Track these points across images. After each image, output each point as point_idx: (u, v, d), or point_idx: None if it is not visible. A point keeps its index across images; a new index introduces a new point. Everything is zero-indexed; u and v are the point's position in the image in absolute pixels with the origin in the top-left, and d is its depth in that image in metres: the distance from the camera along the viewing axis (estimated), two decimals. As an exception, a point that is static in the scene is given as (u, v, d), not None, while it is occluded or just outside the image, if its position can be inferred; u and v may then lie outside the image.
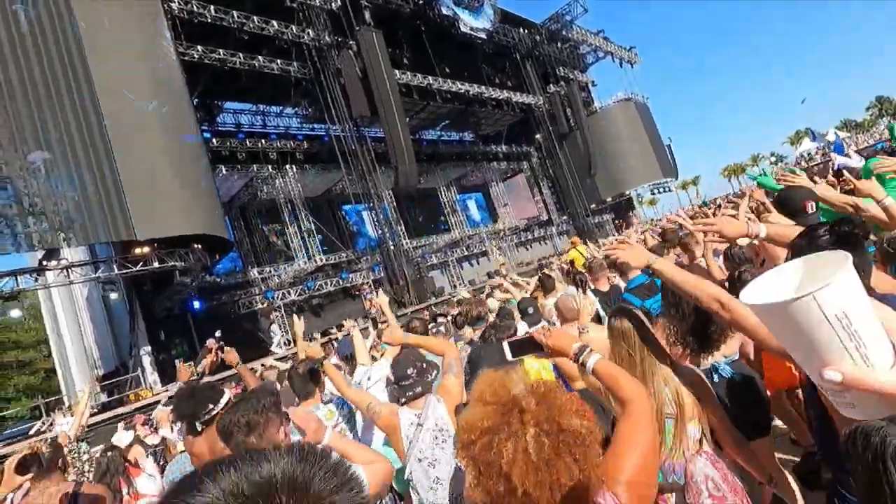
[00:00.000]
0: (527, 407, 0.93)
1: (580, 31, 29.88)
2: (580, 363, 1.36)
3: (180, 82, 13.25)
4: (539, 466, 0.88)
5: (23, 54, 10.08)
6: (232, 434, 1.55)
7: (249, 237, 21.40)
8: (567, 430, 0.92)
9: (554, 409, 0.94)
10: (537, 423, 0.92)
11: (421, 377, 2.10)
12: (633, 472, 1.04)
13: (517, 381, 0.99)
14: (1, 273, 9.71)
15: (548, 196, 33.15)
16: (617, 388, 1.25)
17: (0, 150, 9.31)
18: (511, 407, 0.94)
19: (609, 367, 1.32)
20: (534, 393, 0.96)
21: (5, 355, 28.70)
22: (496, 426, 0.93)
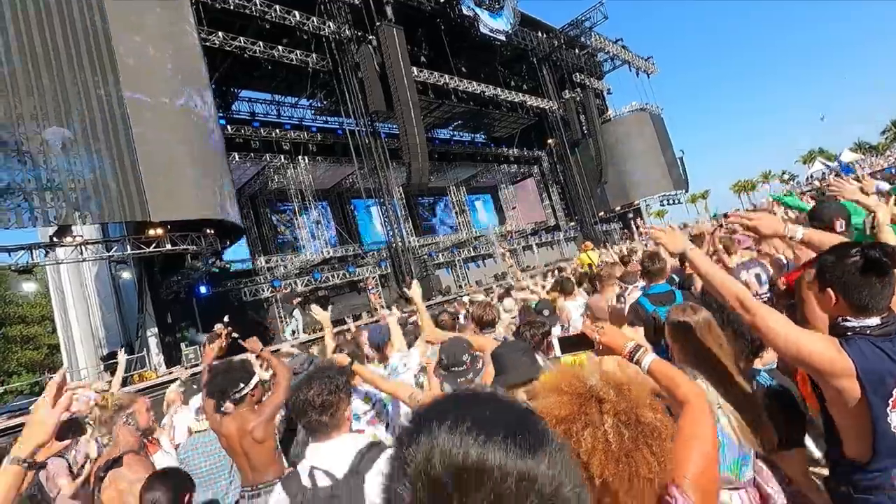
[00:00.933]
0: (605, 397, 0.94)
1: (599, 38, 29.84)
2: (634, 361, 1.37)
3: (202, 67, 13.32)
4: (619, 457, 0.89)
5: (49, 33, 10.16)
6: (306, 413, 1.59)
7: (258, 226, 21.49)
8: (645, 423, 0.93)
9: (631, 400, 0.95)
10: (616, 414, 0.92)
11: (474, 365, 2.13)
12: (697, 470, 1.05)
13: (592, 372, 1.00)
14: (16, 246, 9.80)
15: (556, 201, 33.12)
16: (674, 388, 1.25)
17: (23, 125, 9.39)
18: (588, 397, 0.95)
19: (665, 366, 1.33)
20: (611, 384, 0.97)
21: (10, 329, 28.91)
22: (574, 415, 0.93)
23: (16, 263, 9.84)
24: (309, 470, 1.50)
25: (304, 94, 21.85)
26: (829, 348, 1.39)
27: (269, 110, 22.94)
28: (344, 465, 1.48)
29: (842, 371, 1.36)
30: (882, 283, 1.38)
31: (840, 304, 1.45)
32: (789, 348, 1.44)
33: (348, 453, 1.52)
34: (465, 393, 0.57)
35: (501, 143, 31.99)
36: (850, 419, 1.41)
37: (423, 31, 22.34)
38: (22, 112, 9.49)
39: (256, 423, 2.51)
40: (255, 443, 2.50)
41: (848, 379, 1.36)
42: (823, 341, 1.42)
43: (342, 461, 1.50)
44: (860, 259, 1.40)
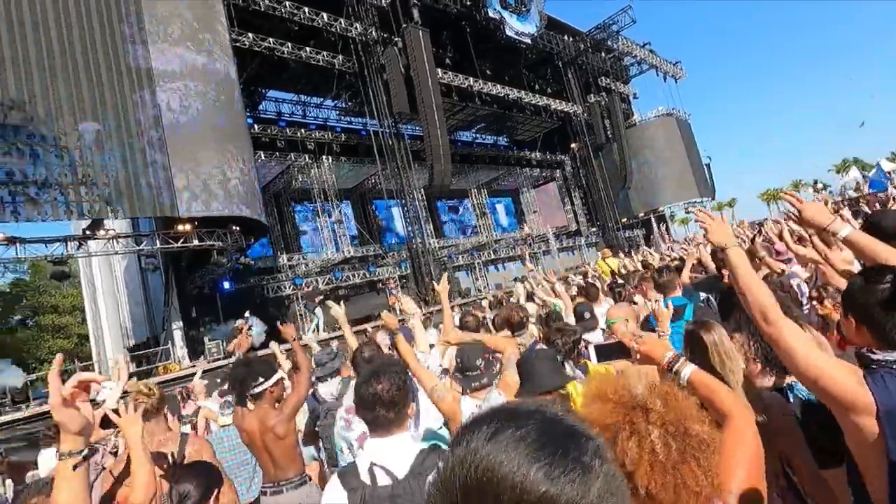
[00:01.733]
0: (652, 407, 0.92)
1: (626, 42, 29.48)
2: (673, 372, 1.33)
3: (232, 67, 13.61)
4: (666, 468, 0.87)
5: (88, 31, 10.51)
6: (374, 407, 1.57)
7: (281, 224, 21.81)
8: (692, 435, 0.90)
9: (679, 411, 0.92)
10: (663, 425, 0.90)
11: (488, 369, 2.11)
12: (742, 485, 1.02)
13: (637, 381, 0.97)
14: (53, 238, 10.15)
15: (578, 206, 32.78)
16: (716, 401, 1.21)
17: (61, 120, 9.72)
18: (634, 406, 0.93)
19: (706, 378, 1.28)
20: (658, 394, 0.94)
21: (43, 318, 29.95)
22: (619, 424, 0.92)
23: (51, 254, 10.19)
24: (369, 466, 1.48)
25: (329, 94, 22.13)
26: (851, 379, 1.26)
27: (294, 110, 23.31)
28: (405, 466, 1.46)
29: (862, 407, 1.23)
30: None
31: (864, 333, 1.34)
32: (809, 372, 1.32)
33: (409, 453, 1.50)
34: (513, 405, 0.57)
35: (524, 146, 31.83)
36: (868, 459, 1.29)
37: (448, 34, 22.40)
38: (61, 108, 9.83)
39: (278, 419, 2.53)
40: (276, 439, 2.52)
41: (867, 416, 1.23)
42: (846, 371, 1.29)
43: (403, 461, 1.48)
44: (889, 288, 1.27)
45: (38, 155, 9.41)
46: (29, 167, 9.30)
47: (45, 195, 9.45)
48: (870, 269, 1.46)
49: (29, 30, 9.73)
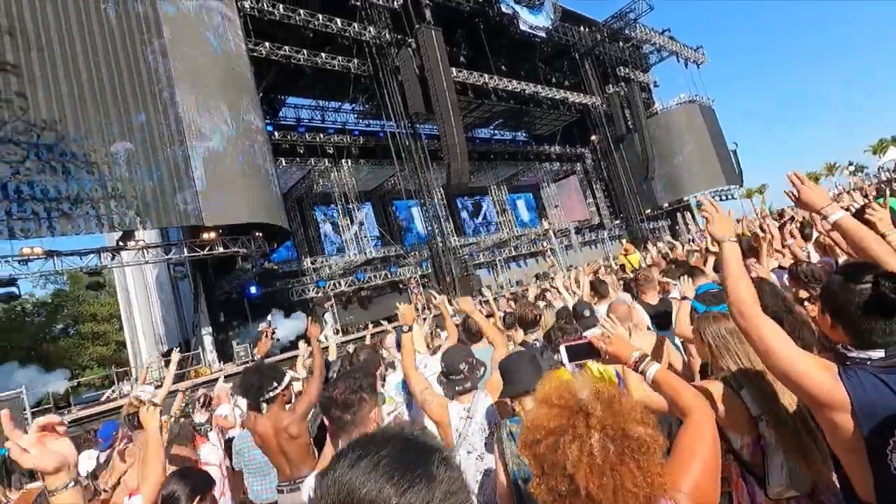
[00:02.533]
0: (592, 411, 0.96)
1: (644, 30, 28.86)
2: (640, 371, 1.37)
3: (249, 78, 13.95)
4: (604, 470, 0.91)
5: (112, 53, 10.96)
6: (329, 409, 1.67)
7: (304, 228, 22.25)
8: (631, 437, 0.94)
9: (619, 415, 0.96)
10: (602, 428, 0.94)
11: (471, 373, 2.14)
12: (695, 482, 1.04)
13: (583, 386, 1.01)
14: (87, 251, 10.64)
15: (601, 199, 32.32)
16: (677, 398, 1.26)
17: (90, 139, 10.17)
18: (577, 410, 0.97)
19: (669, 376, 1.33)
20: (599, 398, 0.98)
21: (83, 326, 31.31)
22: (562, 428, 0.96)
23: (86, 266, 10.68)
24: None
25: (346, 98, 22.42)
26: (826, 375, 1.24)
27: (313, 115, 23.70)
28: None
29: (837, 403, 1.21)
30: (888, 322, 1.22)
31: (838, 331, 1.31)
32: (781, 366, 1.29)
33: None
34: (374, 434, 0.68)
35: (543, 140, 31.55)
36: (849, 456, 1.26)
37: (462, 32, 22.39)
38: (90, 127, 10.29)
39: (291, 419, 2.64)
40: (290, 439, 2.62)
41: (842, 413, 1.21)
42: (821, 366, 1.27)
43: None
44: (868, 289, 1.24)
45: (69, 172, 9.88)
46: (62, 184, 9.77)
47: (78, 210, 9.91)
48: (850, 267, 1.43)
49: (58, 54, 10.22)
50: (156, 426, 1.94)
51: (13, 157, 9.28)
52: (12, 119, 9.36)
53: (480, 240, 26.41)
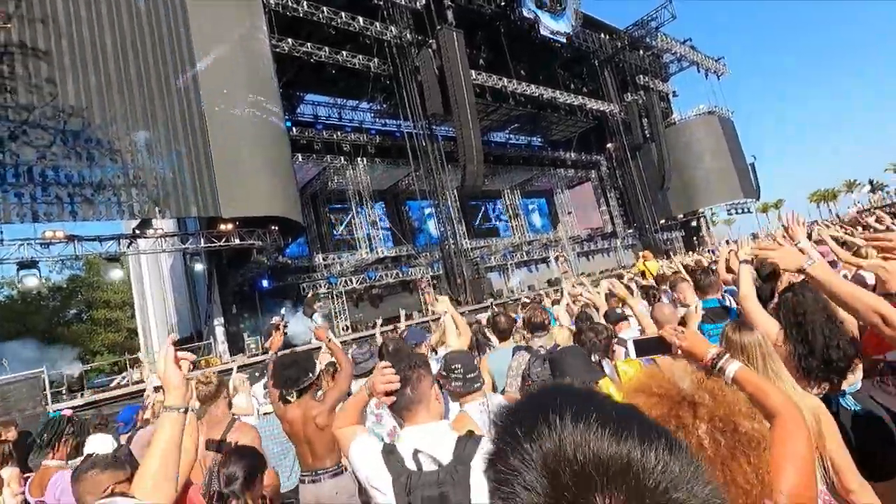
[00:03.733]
0: (700, 401, 0.89)
1: (665, 39, 28.67)
2: (717, 369, 1.29)
3: (271, 73, 14.06)
4: (715, 464, 0.84)
5: (140, 43, 11.10)
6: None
7: (317, 224, 22.32)
8: (742, 432, 0.87)
9: (729, 407, 0.89)
10: (710, 419, 0.87)
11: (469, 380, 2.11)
12: (793, 487, 0.98)
13: (683, 375, 0.95)
14: (107, 237, 10.76)
15: (615, 208, 32.09)
16: (764, 399, 1.16)
17: (115, 127, 10.30)
18: (680, 400, 0.90)
19: (753, 375, 1.24)
20: (706, 388, 0.92)
21: (96, 312, 31.69)
22: (664, 417, 0.89)
23: (105, 252, 10.80)
24: (413, 452, 1.48)
25: (365, 97, 22.49)
26: None
27: (331, 113, 23.81)
28: (447, 452, 1.45)
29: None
30: None
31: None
32: None
33: (449, 439, 1.50)
34: (567, 386, 0.54)
35: (559, 146, 31.42)
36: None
37: (482, 34, 22.38)
38: (115, 115, 10.42)
39: (319, 410, 2.63)
40: (317, 429, 2.62)
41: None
42: None
43: (444, 447, 1.47)
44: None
45: (93, 158, 10.00)
46: (85, 170, 9.90)
47: (100, 196, 10.04)
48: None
49: (87, 42, 10.38)
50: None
51: (41, 142, 9.42)
52: (41, 104, 9.51)
53: (492, 243, 26.33)
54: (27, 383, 7.83)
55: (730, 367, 1.23)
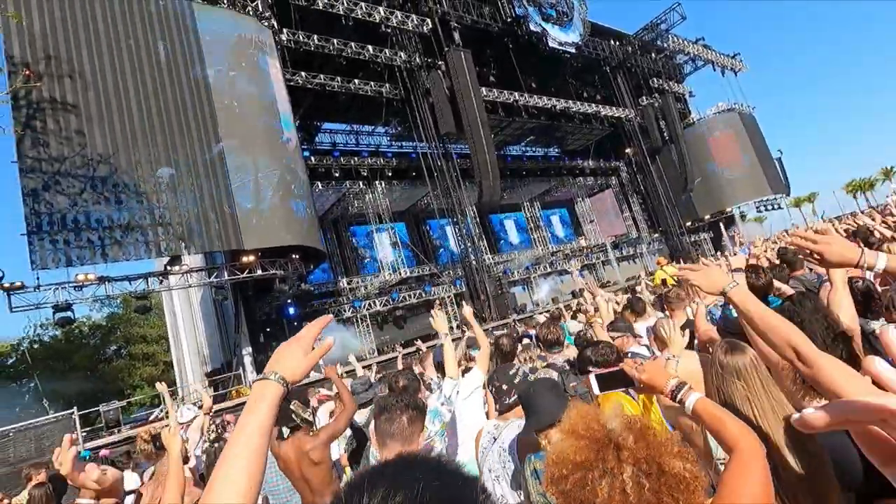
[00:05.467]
0: (623, 444, 0.88)
1: (677, 40, 28.38)
2: (677, 401, 1.27)
3: (288, 107, 14.52)
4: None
5: (160, 86, 11.66)
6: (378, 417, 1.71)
7: (340, 248, 22.69)
8: (669, 473, 0.85)
9: (654, 448, 0.88)
10: (636, 462, 0.86)
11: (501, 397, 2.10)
12: None
13: (612, 416, 0.94)
14: (136, 276, 11.19)
15: (638, 213, 31.56)
16: (722, 431, 1.14)
17: (140, 169, 10.78)
18: (606, 442, 0.89)
19: (711, 407, 1.22)
20: (631, 429, 0.90)
21: (134, 347, 32.76)
22: (590, 462, 0.88)
23: (135, 290, 11.22)
24: None
25: (379, 121, 22.95)
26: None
27: (348, 140, 24.36)
28: None
29: None
30: None
31: None
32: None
33: None
34: (409, 458, 0.57)
35: (576, 155, 31.24)
36: None
37: (491, 51, 22.63)
38: (140, 159, 10.92)
39: (313, 445, 2.64)
40: (312, 464, 2.61)
41: None
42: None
43: None
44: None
45: (121, 201, 10.47)
46: (114, 213, 10.36)
47: (129, 237, 10.46)
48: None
49: (111, 92, 10.96)
50: (177, 449, 2.00)
51: (72, 190, 9.92)
52: (71, 155, 10.04)
53: (515, 257, 26.18)
54: (59, 424, 8.11)
55: (689, 399, 1.21)
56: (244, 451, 0.80)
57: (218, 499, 0.74)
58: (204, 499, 0.76)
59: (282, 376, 0.92)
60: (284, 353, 0.98)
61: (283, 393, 0.91)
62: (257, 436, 0.83)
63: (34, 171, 9.66)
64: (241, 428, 0.84)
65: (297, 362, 0.96)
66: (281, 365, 0.94)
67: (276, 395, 0.90)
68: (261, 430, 0.84)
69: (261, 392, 0.89)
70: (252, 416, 0.85)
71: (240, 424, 0.85)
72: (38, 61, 10.18)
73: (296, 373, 0.95)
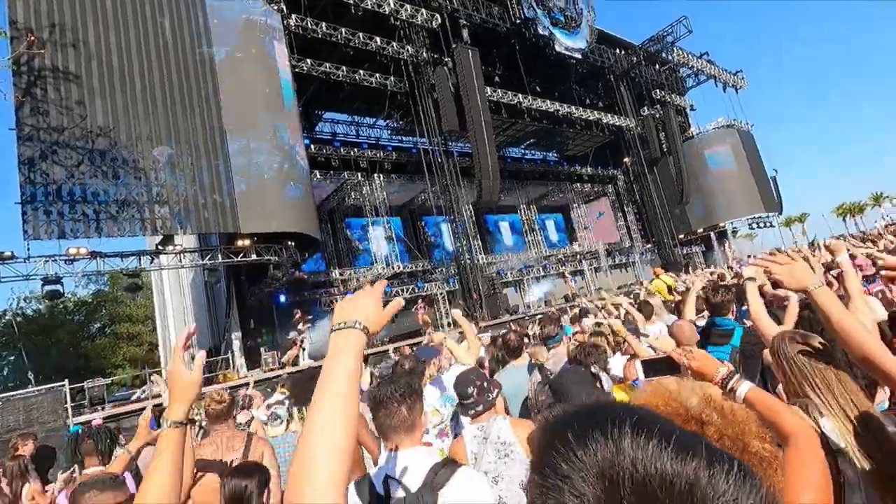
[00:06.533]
0: (708, 419, 0.86)
1: (682, 53, 28.60)
2: (728, 389, 1.25)
3: (291, 93, 14.40)
4: None
5: (165, 61, 11.50)
6: (377, 412, 1.65)
7: (334, 239, 22.57)
8: (753, 452, 0.84)
9: (738, 426, 0.86)
10: (721, 439, 0.84)
11: (482, 395, 2.10)
12: None
13: (691, 394, 0.91)
14: (129, 253, 11.04)
15: (632, 222, 31.78)
16: (777, 420, 1.12)
17: (140, 146, 10.63)
18: (688, 418, 0.86)
19: (764, 395, 1.20)
20: (714, 407, 0.88)
21: (119, 326, 32.37)
22: None
23: (126, 268, 11.07)
24: (383, 478, 1.49)
25: (381, 114, 22.86)
26: None
27: (349, 131, 24.25)
28: (418, 479, 1.46)
29: None
30: None
31: None
32: None
33: (423, 466, 1.50)
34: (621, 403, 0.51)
35: (575, 161, 31.37)
36: None
37: (498, 52, 22.64)
38: (140, 134, 10.77)
39: None
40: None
41: None
42: None
43: (417, 474, 1.48)
44: None
45: (119, 176, 10.32)
46: (111, 188, 10.21)
47: (124, 213, 10.32)
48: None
49: (115, 65, 10.79)
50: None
51: (70, 161, 9.76)
52: (71, 125, 9.88)
53: (508, 258, 26.25)
54: (49, 396, 8.00)
55: (741, 388, 1.20)
56: (336, 400, 0.78)
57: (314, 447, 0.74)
58: (300, 444, 0.75)
59: (365, 325, 0.88)
60: (359, 304, 0.93)
61: (366, 342, 0.88)
62: (346, 383, 0.80)
63: (32, 140, 9.49)
64: (329, 377, 0.80)
65: (376, 312, 0.93)
66: (360, 314, 0.90)
67: (361, 343, 0.86)
68: (350, 378, 0.81)
69: (345, 340, 0.86)
70: (339, 365, 0.82)
71: (326, 372, 0.82)
72: (42, 28, 9.99)
73: (377, 323, 0.92)
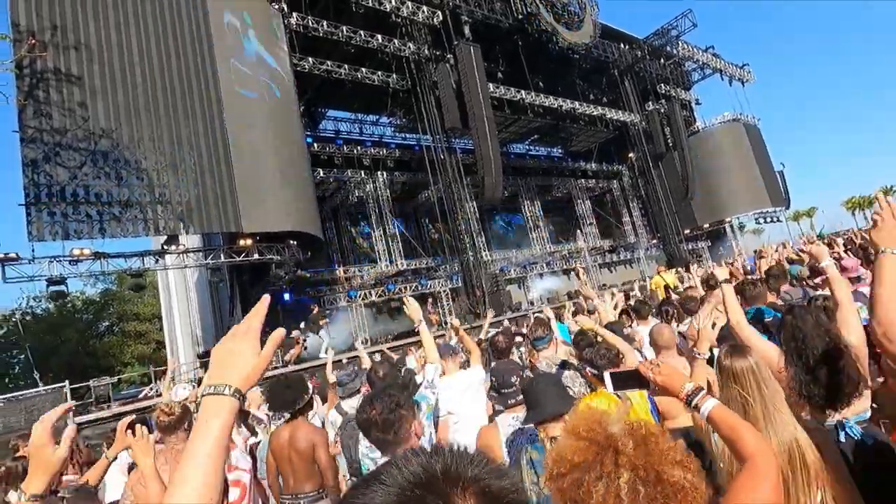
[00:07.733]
0: (622, 449, 0.87)
1: (686, 47, 28.30)
2: (693, 406, 1.25)
3: (292, 91, 14.42)
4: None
5: (167, 62, 11.55)
6: (370, 431, 1.65)
7: (338, 237, 22.61)
8: (667, 482, 0.84)
9: (654, 455, 0.86)
10: (633, 468, 0.85)
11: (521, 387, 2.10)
12: None
13: (616, 420, 0.92)
14: (132, 253, 11.13)
15: (637, 218, 31.58)
16: (737, 440, 1.12)
17: (142, 146, 10.69)
18: (605, 446, 0.89)
19: (727, 414, 1.19)
20: (632, 434, 0.89)
21: (127, 325, 32.65)
22: (588, 463, 0.88)
23: (130, 268, 11.16)
24: None
25: (384, 112, 22.85)
26: None
27: (352, 128, 24.26)
28: None
29: None
30: None
31: None
32: None
33: None
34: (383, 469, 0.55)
35: (579, 157, 31.19)
36: None
37: (500, 48, 22.51)
38: (142, 134, 10.83)
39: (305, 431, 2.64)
40: (296, 452, 2.62)
41: None
42: None
43: None
44: None
45: (121, 177, 10.39)
46: (114, 189, 10.28)
47: (127, 214, 10.39)
48: None
49: (117, 66, 10.85)
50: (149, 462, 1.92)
51: (73, 163, 9.83)
52: (73, 127, 9.95)
53: (512, 255, 26.18)
54: (51, 397, 8.09)
55: (705, 405, 1.19)
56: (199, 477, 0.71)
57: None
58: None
59: (236, 388, 0.80)
60: (231, 355, 0.84)
61: (238, 406, 0.80)
62: (213, 447, 0.74)
63: (35, 142, 9.56)
64: (192, 454, 0.73)
65: (252, 364, 0.83)
66: (229, 373, 0.81)
67: (231, 412, 0.78)
68: (216, 444, 0.74)
69: (214, 409, 0.77)
70: (204, 440, 0.74)
71: (196, 435, 0.75)
72: (44, 30, 10.05)
73: (252, 377, 0.83)
